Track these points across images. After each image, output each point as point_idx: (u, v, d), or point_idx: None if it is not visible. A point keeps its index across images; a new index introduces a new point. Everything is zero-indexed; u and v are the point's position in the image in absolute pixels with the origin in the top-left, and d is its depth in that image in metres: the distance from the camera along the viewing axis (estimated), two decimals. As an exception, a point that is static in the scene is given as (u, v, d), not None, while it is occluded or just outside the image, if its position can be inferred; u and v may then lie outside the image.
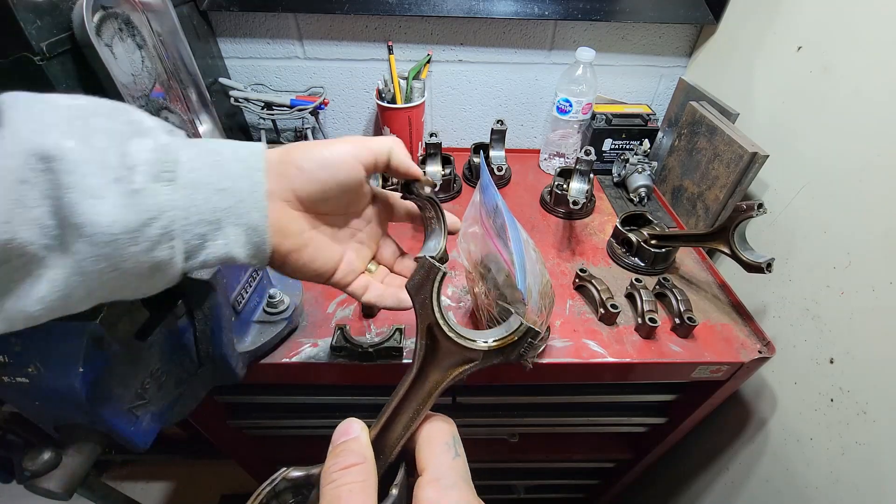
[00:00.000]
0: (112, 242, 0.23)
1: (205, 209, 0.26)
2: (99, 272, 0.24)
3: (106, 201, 0.23)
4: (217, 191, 0.27)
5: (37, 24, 0.48)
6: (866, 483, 0.54)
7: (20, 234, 0.21)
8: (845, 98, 0.57)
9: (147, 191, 0.24)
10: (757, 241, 0.60)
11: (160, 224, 0.24)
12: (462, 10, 0.81)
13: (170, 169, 0.25)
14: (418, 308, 0.26)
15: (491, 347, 0.26)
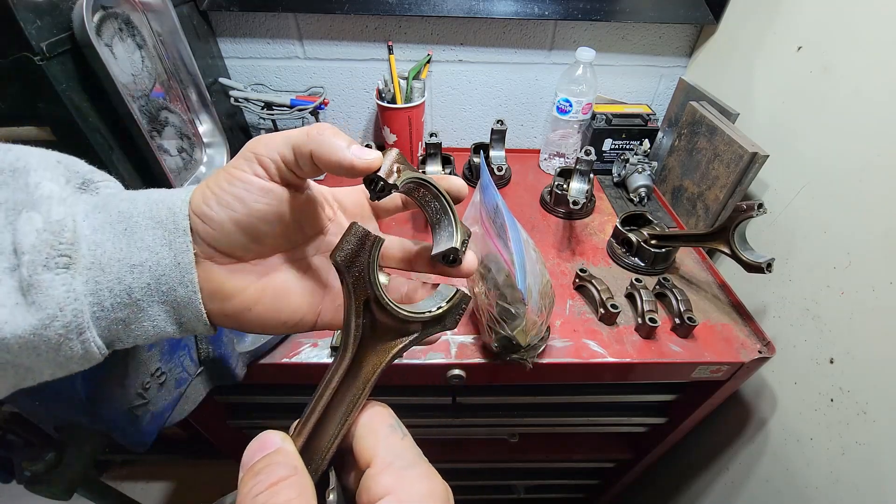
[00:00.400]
0: (4, 348, 0.20)
1: (118, 291, 0.22)
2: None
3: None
4: (130, 268, 0.22)
5: (37, 24, 0.48)
6: (866, 483, 0.54)
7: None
8: (845, 98, 0.57)
9: (38, 286, 0.20)
10: (757, 241, 0.60)
11: (60, 323, 0.20)
12: (462, 10, 0.81)
13: (65, 252, 0.20)
14: (351, 282, 0.22)
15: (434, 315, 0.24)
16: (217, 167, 0.78)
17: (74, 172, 0.24)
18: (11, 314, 0.19)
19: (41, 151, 0.24)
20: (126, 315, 0.22)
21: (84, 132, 0.55)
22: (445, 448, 0.90)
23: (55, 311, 0.20)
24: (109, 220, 0.22)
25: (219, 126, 0.77)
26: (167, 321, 0.24)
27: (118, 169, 0.59)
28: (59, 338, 0.20)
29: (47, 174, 0.22)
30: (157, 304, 0.23)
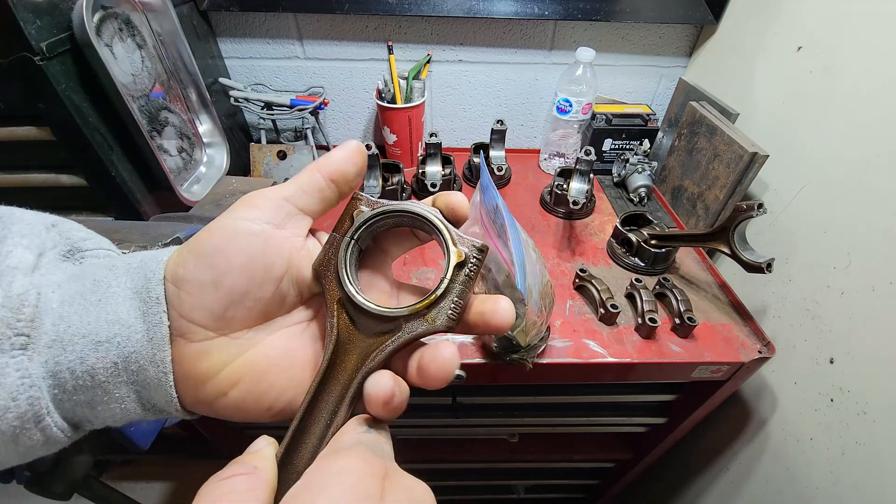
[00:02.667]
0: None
1: (79, 373, 0.19)
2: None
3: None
4: (95, 345, 0.19)
5: (37, 24, 0.48)
6: (866, 483, 0.54)
7: None
8: (845, 98, 0.57)
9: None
10: (757, 241, 0.60)
11: (14, 414, 0.18)
12: (462, 10, 0.81)
13: (22, 331, 0.19)
14: (324, 284, 0.21)
15: (415, 309, 0.21)
16: (217, 167, 0.78)
17: (65, 239, 0.22)
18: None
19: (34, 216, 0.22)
20: (90, 398, 0.20)
21: (84, 132, 0.55)
22: (445, 448, 0.90)
23: (7, 401, 0.18)
24: (82, 291, 0.20)
25: (219, 126, 0.77)
26: (135, 404, 0.21)
27: (118, 169, 0.59)
28: (13, 429, 0.19)
29: (24, 241, 0.20)
30: (124, 384, 0.20)
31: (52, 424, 0.20)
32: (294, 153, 0.87)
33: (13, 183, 0.60)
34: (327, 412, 0.21)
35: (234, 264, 0.20)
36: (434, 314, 0.21)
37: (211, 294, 0.20)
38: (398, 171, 0.85)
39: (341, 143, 0.23)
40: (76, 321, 0.20)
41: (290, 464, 0.20)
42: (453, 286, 0.21)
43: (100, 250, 0.23)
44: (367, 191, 0.78)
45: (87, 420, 0.21)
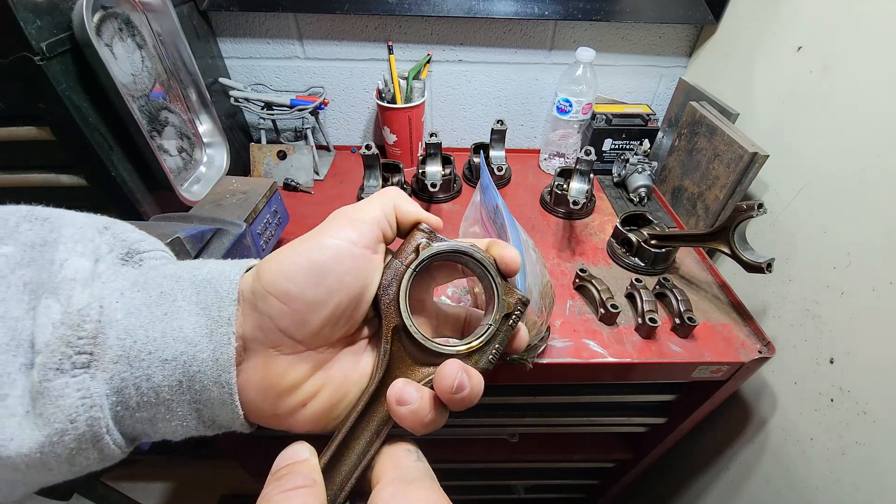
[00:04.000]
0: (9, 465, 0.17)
1: (145, 390, 0.19)
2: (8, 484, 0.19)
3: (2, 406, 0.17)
4: (162, 363, 0.19)
5: (37, 24, 0.48)
6: (867, 483, 0.54)
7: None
8: (845, 98, 0.57)
9: (49, 392, 0.17)
10: (757, 241, 0.60)
11: (72, 437, 0.18)
12: (462, 10, 0.81)
13: (84, 350, 0.18)
14: (383, 309, 0.23)
15: (460, 352, 0.23)
16: (217, 167, 0.77)
17: (121, 241, 0.22)
18: (19, 427, 0.17)
19: (86, 219, 0.21)
20: (152, 415, 0.20)
21: (84, 132, 0.55)
22: (445, 448, 0.90)
23: (65, 424, 0.18)
24: (148, 302, 0.20)
25: (219, 126, 0.77)
26: (195, 421, 0.21)
27: (118, 169, 0.59)
28: (70, 452, 0.18)
29: (78, 247, 0.20)
30: (186, 403, 0.20)
31: (110, 443, 0.19)
32: (294, 153, 0.87)
33: (13, 183, 0.60)
34: (370, 431, 0.22)
35: (342, 284, 0.21)
36: (477, 357, 0.23)
37: (317, 312, 0.21)
38: (398, 171, 0.85)
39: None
40: (142, 336, 0.19)
41: (329, 477, 0.21)
42: (498, 334, 0.24)
43: (156, 251, 0.23)
44: (367, 190, 0.78)
45: (146, 434, 0.21)
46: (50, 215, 0.20)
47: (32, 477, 0.19)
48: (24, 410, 0.17)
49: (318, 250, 0.21)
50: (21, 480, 0.19)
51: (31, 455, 0.17)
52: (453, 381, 0.21)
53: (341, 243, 0.21)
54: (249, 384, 0.21)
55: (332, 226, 0.22)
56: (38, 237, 0.19)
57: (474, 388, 0.21)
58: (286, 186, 0.87)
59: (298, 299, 0.20)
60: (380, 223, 0.22)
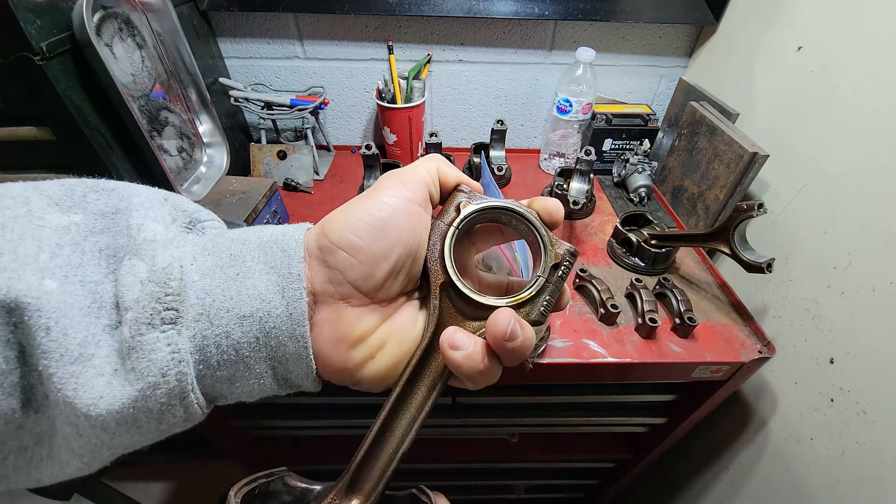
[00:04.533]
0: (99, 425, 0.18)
1: (225, 347, 0.20)
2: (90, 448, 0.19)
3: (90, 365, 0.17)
4: (240, 319, 0.20)
5: (37, 24, 0.48)
6: (867, 483, 0.54)
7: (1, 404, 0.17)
8: (845, 98, 0.57)
9: (141, 349, 0.18)
10: (757, 241, 0.60)
11: (163, 391, 0.18)
12: (462, 10, 0.81)
13: (171, 305, 0.19)
14: (431, 269, 0.23)
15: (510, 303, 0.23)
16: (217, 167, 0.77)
17: (182, 211, 0.23)
18: (109, 385, 0.18)
19: (147, 190, 0.22)
20: (232, 373, 0.20)
21: (84, 132, 0.55)
22: (445, 448, 0.90)
23: (157, 378, 0.18)
24: (220, 264, 0.20)
25: (219, 126, 0.77)
26: (272, 379, 0.21)
27: (118, 169, 0.59)
28: (160, 406, 0.19)
29: (150, 213, 0.21)
30: (263, 360, 0.21)
31: (194, 401, 0.20)
32: (294, 153, 0.87)
33: (13, 183, 0.60)
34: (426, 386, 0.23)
35: (402, 238, 0.22)
36: (528, 308, 0.23)
37: (381, 264, 0.22)
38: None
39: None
40: (219, 295, 0.20)
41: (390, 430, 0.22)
42: (548, 285, 0.23)
43: (214, 221, 0.24)
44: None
45: (223, 395, 0.21)
46: (116, 186, 0.21)
47: (121, 438, 0.19)
48: (111, 369, 0.18)
49: (377, 206, 0.22)
50: (107, 443, 0.19)
51: (124, 411, 0.18)
52: (506, 328, 0.21)
53: (397, 200, 0.22)
54: (322, 336, 0.22)
55: (387, 185, 0.23)
56: (109, 206, 0.20)
57: (527, 339, 0.21)
58: (286, 186, 0.87)
59: (364, 251, 0.21)
60: (427, 184, 0.24)
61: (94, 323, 0.18)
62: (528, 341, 0.21)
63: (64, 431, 0.18)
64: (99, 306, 0.18)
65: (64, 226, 0.19)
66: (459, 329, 0.22)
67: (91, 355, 0.18)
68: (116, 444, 0.19)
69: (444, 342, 0.21)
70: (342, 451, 0.88)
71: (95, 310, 0.18)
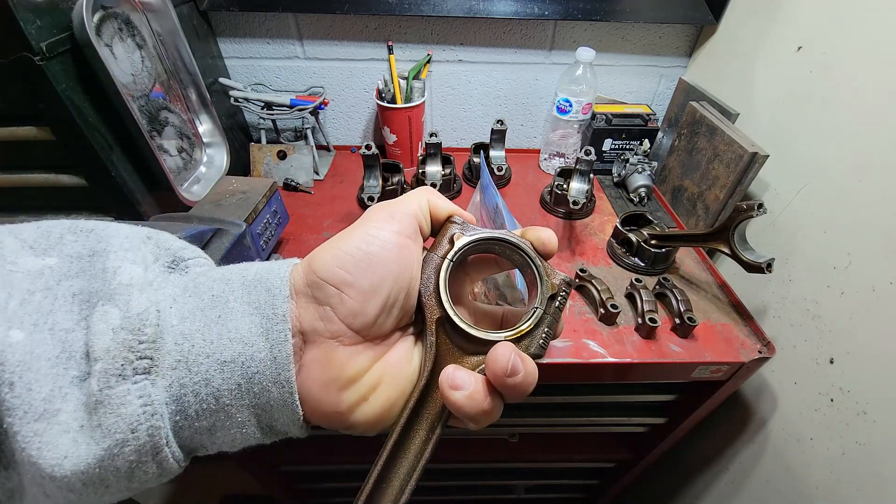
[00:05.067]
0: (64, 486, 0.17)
1: (204, 396, 0.19)
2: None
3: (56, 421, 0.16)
4: (220, 365, 0.19)
5: (37, 24, 0.48)
6: (867, 483, 0.54)
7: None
8: (845, 98, 0.57)
9: (109, 403, 0.17)
10: (757, 241, 0.60)
11: (132, 447, 0.17)
12: (462, 10, 0.81)
13: (145, 354, 0.18)
14: (426, 304, 0.22)
15: (509, 337, 0.22)
16: (217, 167, 0.77)
17: (165, 250, 0.22)
18: (74, 444, 0.17)
19: (129, 229, 0.21)
20: (212, 423, 0.19)
21: (84, 132, 0.55)
22: (445, 448, 0.90)
23: (126, 434, 0.17)
24: (201, 306, 0.19)
25: (219, 126, 0.77)
26: (255, 427, 0.20)
27: (118, 169, 0.59)
28: (130, 464, 0.17)
29: (129, 255, 0.20)
30: (245, 408, 0.19)
31: (169, 455, 0.18)
32: (294, 153, 0.87)
33: (13, 183, 0.60)
34: (425, 429, 0.22)
35: (392, 271, 0.21)
36: (528, 342, 0.22)
37: (372, 299, 0.21)
38: (398, 171, 0.85)
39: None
40: (199, 339, 0.19)
41: (388, 480, 0.21)
42: (546, 317, 0.23)
43: (199, 258, 0.23)
44: (367, 190, 0.78)
45: (203, 447, 0.20)
46: (95, 227, 0.20)
47: (89, 498, 0.18)
48: (78, 425, 0.17)
49: (366, 240, 0.21)
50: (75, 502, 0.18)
51: (89, 472, 0.17)
52: (507, 363, 0.20)
53: (387, 234, 0.22)
54: (311, 378, 0.21)
55: (374, 218, 0.22)
56: (86, 248, 0.19)
57: (529, 373, 0.20)
58: (286, 186, 0.87)
59: (354, 286, 0.20)
60: (416, 216, 0.23)
61: (61, 375, 0.17)
62: (529, 376, 0.20)
63: (32, 491, 0.17)
64: (68, 356, 0.17)
65: (37, 270, 0.18)
66: (459, 367, 0.21)
67: (57, 410, 0.17)
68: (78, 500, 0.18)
69: (443, 382, 0.20)
70: (342, 452, 0.88)
71: (64, 360, 0.17)
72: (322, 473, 0.99)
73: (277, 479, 0.95)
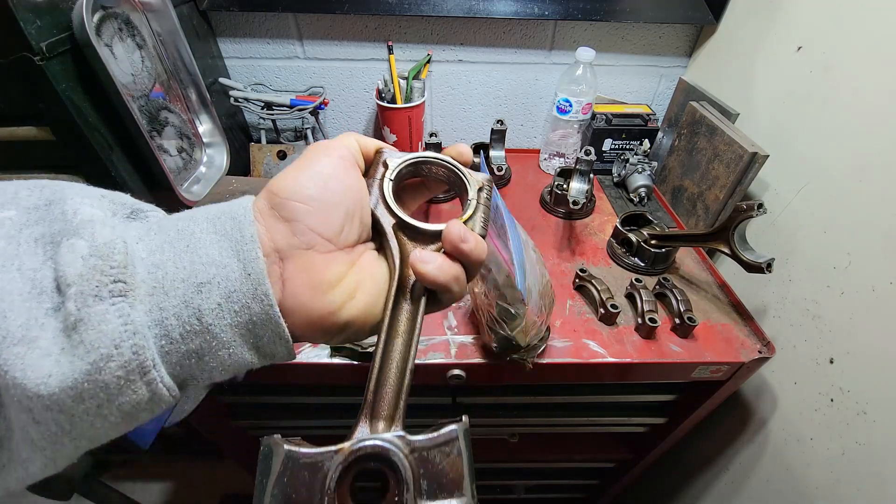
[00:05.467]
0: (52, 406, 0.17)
1: (186, 317, 0.19)
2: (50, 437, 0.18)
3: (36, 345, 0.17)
4: (197, 286, 0.19)
5: (37, 24, 0.48)
6: (867, 483, 0.54)
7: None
8: (845, 98, 0.57)
9: (88, 321, 0.17)
10: (757, 241, 0.60)
11: (117, 363, 0.17)
12: (462, 10, 0.81)
13: (119, 278, 0.18)
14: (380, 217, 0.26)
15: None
16: (217, 167, 0.77)
17: (121, 205, 0.22)
18: (57, 364, 0.17)
19: (81, 186, 0.21)
20: (198, 345, 0.19)
21: (84, 132, 0.55)
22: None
23: (109, 349, 0.17)
24: (168, 240, 0.20)
25: (219, 126, 0.77)
26: (243, 347, 0.21)
27: (118, 169, 0.59)
28: (117, 381, 0.17)
29: (87, 201, 0.20)
30: (229, 328, 0.20)
31: (157, 378, 0.19)
32: (294, 153, 0.87)
33: (13, 183, 0.60)
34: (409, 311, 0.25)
35: (346, 186, 0.24)
36: (471, 225, 0.27)
37: (333, 211, 0.23)
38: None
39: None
40: (171, 267, 0.19)
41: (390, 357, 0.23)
42: (479, 206, 0.27)
43: (157, 211, 0.24)
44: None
45: (193, 376, 0.20)
46: (48, 183, 0.21)
47: (81, 424, 0.18)
48: (59, 349, 0.17)
49: (318, 165, 0.24)
50: (68, 431, 0.18)
51: (77, 387, 0.17)
52: (459, 232, 0.23)
53: (333, 160, 0.24)
54: (298, 287, 0.22)
55: (318, 151, 0.25)
56: (42, 199, 0.20)
57: (478, 243, 0.24)
58: (286, 186, 0.87)
59: (317, 199, 0.23)
60: (351, 149, 0.26)
61: (35, 308, 0.17)
62: (479, 245, 0.24)
63: (20, 421, 0.17)
64: (39, 291, 0.18)
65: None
66: (424, 249, 0.25)
67: (35, 337, 0.17)
68: (78, 432, 0.18)
69: (415, 261, 0.23)
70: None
71: (36, 295, 0.17)
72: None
73: (277, 479, 0.95)
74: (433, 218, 0.81)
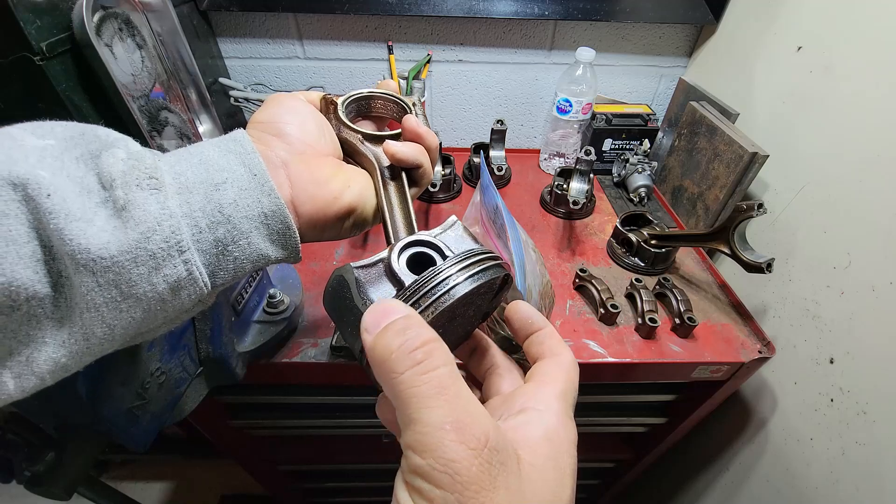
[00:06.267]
0: (112, 267, 0.20)
1: (209, 210, 0.23)
2: (111, 302, 0.21)
3: (94, 223, 0.20)
4: (214, 186, 0.23)
5: (37, 24, 0.48)
6: (866, 483, 0.54)
7: (19, 275, 0.19)
8: (845, 98, 0.57)
9: (134, 203, 0.21)
10: (757, 241, 0.60)
11: (160, 237, 0.21)
12: (462, 10, 0.81)
13: (152, 175, 0.22)
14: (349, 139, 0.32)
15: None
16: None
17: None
18: (113, 234, 0.20)
19: None
20: (223, 234, 0.23)
21: (84, 132, 0.54)
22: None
23: (153, 224, 0.21)
24: (183, 157, 0.24)
25: (219, 126, 0.77)
26: (260, 237, 0.25)
27: (118, 169, 0.59)
28: (162, 252, 0.21)
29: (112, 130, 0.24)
30: (246, 219, 0.24)
31: (192, 260, 0.22)
32: (294, 153, 0.87)
33: (13, 183, 0.60)
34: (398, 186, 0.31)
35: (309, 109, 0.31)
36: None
37: (307, 124, 0.30)
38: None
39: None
40: (190, 174, 0.24)
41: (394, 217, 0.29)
42: (418, 109, 0.35)
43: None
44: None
45: (221, 268, 0.24)
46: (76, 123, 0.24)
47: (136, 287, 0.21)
48: (111, 226, 0.21)
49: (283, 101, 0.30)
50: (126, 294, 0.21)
51: (132, 251, 0.21)
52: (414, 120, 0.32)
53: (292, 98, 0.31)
54: (303, 180, 0.27)
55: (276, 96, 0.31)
56: (76, 131, 0.23)
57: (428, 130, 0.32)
58: (286, 186, 0.87)
59: (292, 119, 0.29)
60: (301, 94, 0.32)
61: (87, 199, 0.21)
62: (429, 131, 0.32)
63: (85, 287, 0.20)
64: (88, 191, 0.21)
65: (41, 146, 0.21)
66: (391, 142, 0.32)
67: (90, 219, 0.20)
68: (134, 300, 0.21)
69: (387, 146, 0.31)
70: (343, 451, 0.88)
71: (86, 192, 0.21)
72: (322, 473, 1.00)
73: (277, 479, 0.95)
74: (433, 218, 0.81)
